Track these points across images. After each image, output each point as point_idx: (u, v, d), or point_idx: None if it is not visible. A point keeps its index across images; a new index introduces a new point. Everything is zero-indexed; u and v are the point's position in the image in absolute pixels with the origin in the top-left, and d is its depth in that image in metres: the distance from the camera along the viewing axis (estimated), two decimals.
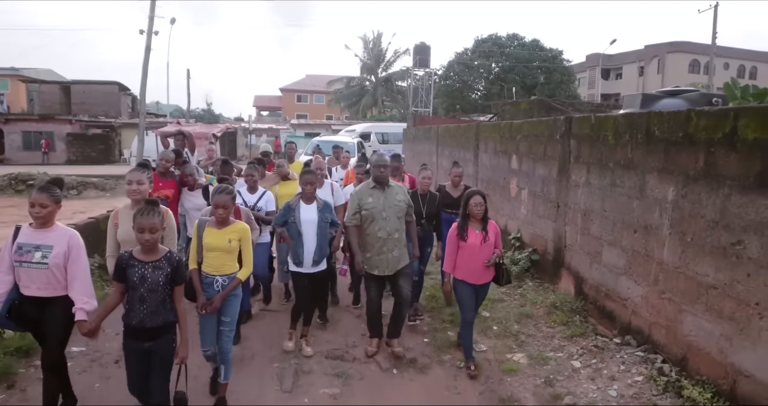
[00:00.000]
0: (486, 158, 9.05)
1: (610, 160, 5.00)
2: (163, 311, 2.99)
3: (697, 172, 3.83)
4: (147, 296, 2.94)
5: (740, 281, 3.43)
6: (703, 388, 3.61)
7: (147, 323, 2.95)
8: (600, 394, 3.87)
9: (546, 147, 6.47)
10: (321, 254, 4.46)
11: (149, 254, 2.99)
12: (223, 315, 3.65)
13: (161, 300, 2.98)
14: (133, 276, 2.94)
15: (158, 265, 2.98)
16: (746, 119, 3.40)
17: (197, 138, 18.47)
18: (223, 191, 3.60)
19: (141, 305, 2.94)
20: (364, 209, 4.38)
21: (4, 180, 17.24)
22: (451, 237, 4.37)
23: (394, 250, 4.40)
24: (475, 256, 4.26)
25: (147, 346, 2.99)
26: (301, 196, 4.51)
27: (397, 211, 4.43)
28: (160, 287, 2.97)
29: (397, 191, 4.52)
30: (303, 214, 4.41)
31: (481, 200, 4.27)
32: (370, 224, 4.38)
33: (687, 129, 3.94)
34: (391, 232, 4.39)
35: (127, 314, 2.98)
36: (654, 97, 7.93)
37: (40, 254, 3.10)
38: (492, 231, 4.36)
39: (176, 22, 27.79)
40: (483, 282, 4.39)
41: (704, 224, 3.75)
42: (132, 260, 2.96)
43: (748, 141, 3.37)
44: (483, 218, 4.31)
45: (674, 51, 46.89)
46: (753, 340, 3.33)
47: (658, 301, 4.29)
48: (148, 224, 2.90)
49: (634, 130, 4.63)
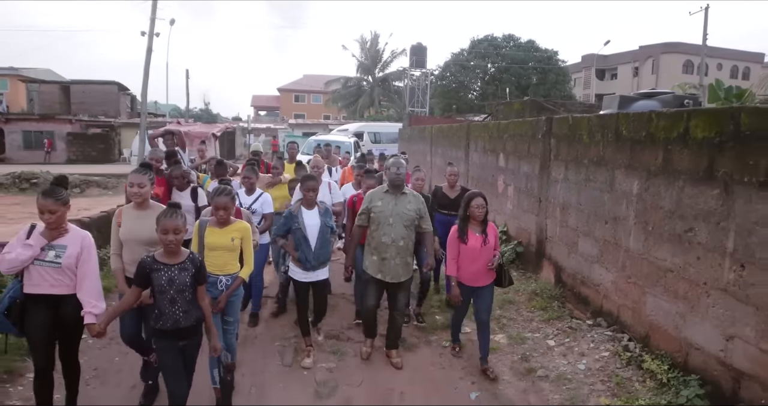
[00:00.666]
0: (476, 157, 9.47)
1: (585, 157, 5.42)
2: (194, 310, 3.07)
3: (657, 168, 4.25)
4: (177, 298, 2.99)
5: (691, 264, 3.85)
6: (661, 361, 4.04)
7: (182, 324, 3.02)
8: (570, 367, 4.30)
9: (530, 146, 6.90)
10: (320, 258, 4.37)
11: (173, 256, 3.01)
12: (227, 315, 3.72)
13: (190, 300, 3.04)
14: (161, 280, 2.96)
15: (183, 266, 3.01)
16: (696, 120, 3.83)
17: (197, 137, 18.89)
18: (222, 193, 3.63)
19: (172, 306, 2.98)
20: (372, 211, 4.36)
21: (7, 179, 17.54)
22: (452, 239, 4.34)
23: (397, 257, 4.32)
24: (476, 258, 4.24)
25: (181, 345, 3.07)
26: (302, 202, 4.45)
27: (404, 219, 4.32)
28: (187, 288, 3.01)
29: (409, 200, 4.41)
30: (307, 219, 4.35)
31: (482, 202, 4.25)
32: (377, 228, 4.35)
33: (649, 129, 4.37)
34: (396, 239, 4.30)
35: (158, 317, 3.00)
36: (631, 99, 8.36)
37: (54, 253, 3.10)
38: (491, 233, 4.33)
39: (175, 23, 28.04)
40: (481, 285, 4.33)
41: (663, 214, 4.17)
42: (156, 264, 2.97)
43: (698, 139, 3.79)
44: (483, 220, 4.30)
45: (668, 52, 47.44)
46: (702, 316, 3.75)
47: (625, 285, 4.71)
48: (172, 225, 2.93)
49: (605, 130, 5.05)
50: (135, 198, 3.59)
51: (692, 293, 3.85)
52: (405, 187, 4.45)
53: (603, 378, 4.10)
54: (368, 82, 43.68)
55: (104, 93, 35.76)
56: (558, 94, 37.89)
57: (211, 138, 20.16)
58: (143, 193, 3.57)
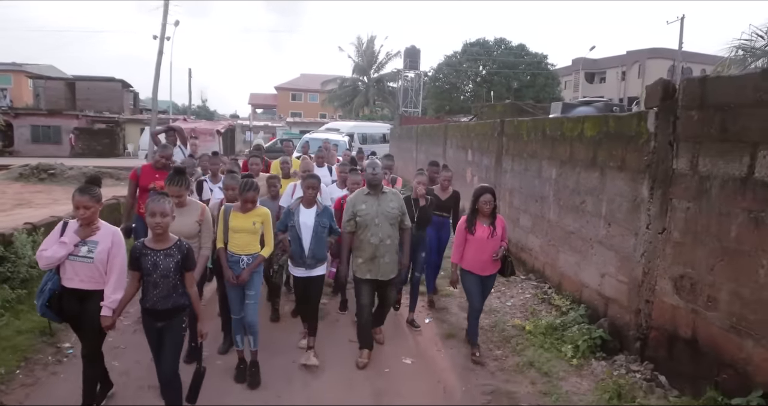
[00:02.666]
0: (451, 152, 11.00)
1: (524, 152, 6.95)
2: (174, 295, 3.19)
3: (566, 158, 5.77)
4: (159, 282, 3.13)
5: (584, 226, 5.38)
6: (565, 298, 5.56)
7: (158, 306, 3.17)
8: (500, 304, 5.84)
9: (489, 143, 8.42)
10: (315, 256, 4.39)
11: (160, 242, 3.17)
12: (248, 289, 4.08)
13: (172, 285, 3.17)
14: (146, 263, 3.12)
15: (169, 253, 3.15)
16: (587, 124, 5.36)
17: (202, 134, 20.27)
18: (251, 188, 3.98)
19: (154, 289, 3.14)
20: (358, 215, 4.41)
21: (26, 170, 18.87)
22: (460, 230, 4.60)
23: (385, 255, 4.43)
24: (483, 248, 4.48)
25: (159, 326, 3.22)
26: (302, 200, 4.48)
27: (389, 218, 4.42)
28: (171, 273, 3.14)
29: (391, 198, 4.50)
30: (302, 218, 4.37)
31: (490, 198, 4.47)
32: (364, 230, 4.42)
33: (562, 130, 5.89)
34: (383, 238, 4.40)
35: (143, 297, 3.21)
36: (572, 105, 9.94)
37: (87, 249, 3.25)
38: (499, 225, 4.56)
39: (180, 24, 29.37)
40: (488, 273, 4.60)
41: (569, 192, 5.70)
42: (145, 249, 3.14)
43: (587, 137, 5.32)
44: (491, 213, 4.55)
45: (654, 57, 49.09)
46: (588, 263, 5.28)
47: (547, 247, 6.24)
48: (159, 208, 3.10)
49: (537, 131, 6.58)
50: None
51: (584, 247, 5.38)
52: (383, 187, 4.53)
53: (522, 310, 5.64)
54: (364, 82, 44.98)
55: (108, 90, 36.97)
56: (547, 96, 39.33)
57: (215, 134, 21.67)
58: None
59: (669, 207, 4.01)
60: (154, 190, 5.01)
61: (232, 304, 4.13)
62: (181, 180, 3.90)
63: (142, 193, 5.35)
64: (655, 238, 4.16)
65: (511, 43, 43.08)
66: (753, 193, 3.26)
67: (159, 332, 3.23)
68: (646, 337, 4.27)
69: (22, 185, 17.50)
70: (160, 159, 5.52)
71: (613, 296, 4.82)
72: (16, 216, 8.38)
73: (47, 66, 48.54)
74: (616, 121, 4.84)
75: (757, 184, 3.24)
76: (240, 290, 4.08)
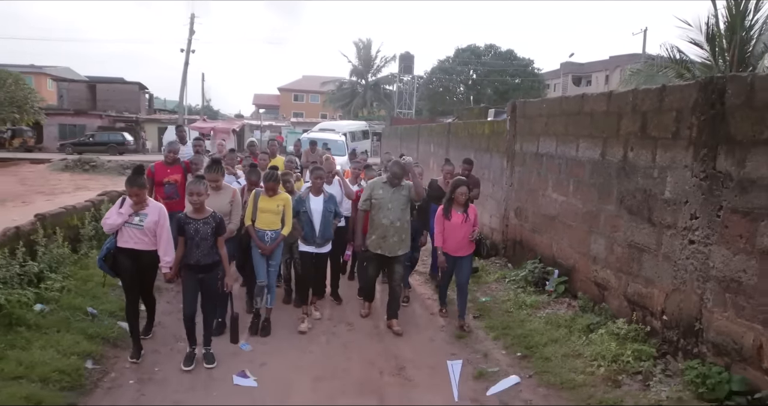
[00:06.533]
0: (422, 147, 14.33)
1: (459, 144, 10.26)
2: (212, 253, 4.05)
3: (477, 147, 9.07)
4: (201, 243, 3.98)
5: (484, 187, 8.67)
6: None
7: (201, 262, 4.00)
8: None
9: (441, 139, 11.73)
10: (324, 236, 5.15)
11: (198, 213, 4.02)
12: (271, 259, 4.95)
13: (210, 246, 4.02)
14: (190, 230, 3.95)
15: (206, 221, 4.00)
16: (486, 126, 8.67)
17: (220, 132, 23.30)
18: (272, 178, 4.80)
19: (197, 249, 3.99)
20: (374, 198, 5.14)
21: (70, 163, 22.16)
22: (438, 217, 5.20)
23: (395, 236, 5.10)
24: (456, 232, 5.10)
25: (200, 276, 4.05)
26: (311, 189, 5.19)
27: (401, 203, 5.11)
28: (209, 237, 3.99)
29: (404, 188, 5.16)
30: (313, 204, 5.10)
31: (465, 190, 5.09)
32: (378, 211, 5.12)
33: (476, 130, 9.19)
34: (394, 220, 5.07)
35: (187, 255, 4.00)
36: (501, 112, 13.24)
37: (138, 219, 4.04)
38: (471, 213, 5.17)
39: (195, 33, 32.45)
40: (462, 254, 5.18)
41: (480, 167, 8.99)
42: (187, 219, 4.00)
43: (486, 134, 8.62)
44: (465, 203, 5.12)
45: (634, 62, 52.02)
46: (484, 210, 8.54)
47: None
48: (195, 189, 3.97)
49: (468, 130, 9.87)
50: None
51: (483, 200, 8.66)
52: (402, 181, 5.15)
53: None
54: (361, 85, 47.11)
55: (127, 91, 40.03)
56: (532, 98, 41.69)
57: (230, 133, 24.84)
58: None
59: (512, 171, 7.33)
60: (169, 183, 5.95)
61: (259, 270, 4.92)
62: (218, 168, 4.87)
63: (157, 187, 5.95)
64: (509, 189, 7.48)
65: (500, 49, 45.05)
66: (540, 160, 6.58)
67: (199, 281, 4.11)
68: (506, 245, 7.60)
69: (71, 174, 20.74)
70: (169, 154, 6.16)
71: (494, 226, 8.12)
72: (79, 196, 10.30)
73: (64, 68, 51.12)
74: (498, 124, 8.15)
75: (542, 155, 6.55)
76: (265, 260, 4.95)
